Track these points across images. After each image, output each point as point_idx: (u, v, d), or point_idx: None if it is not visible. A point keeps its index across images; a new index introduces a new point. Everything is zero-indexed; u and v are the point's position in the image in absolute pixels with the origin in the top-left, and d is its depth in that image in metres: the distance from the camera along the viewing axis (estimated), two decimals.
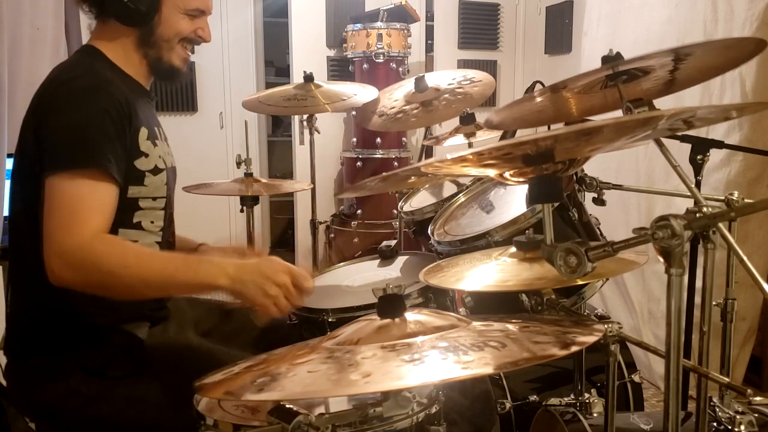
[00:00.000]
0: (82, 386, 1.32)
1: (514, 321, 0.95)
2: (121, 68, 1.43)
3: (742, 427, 1.25)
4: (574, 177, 1.60)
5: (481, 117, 2.43)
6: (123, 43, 1.43)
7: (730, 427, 1.27)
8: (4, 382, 1.79)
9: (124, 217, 1.38)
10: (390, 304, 0.94)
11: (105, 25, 1.43)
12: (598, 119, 1.53)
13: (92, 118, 1.28)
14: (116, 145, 1.31)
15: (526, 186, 1.01)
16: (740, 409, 1.28)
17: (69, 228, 1.22)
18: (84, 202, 1.24)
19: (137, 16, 1.39)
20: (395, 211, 3.20)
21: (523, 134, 1.62)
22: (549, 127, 1.66)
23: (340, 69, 4.02)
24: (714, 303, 1.38)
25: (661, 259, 0.73)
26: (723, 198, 1.34)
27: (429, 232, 1.73)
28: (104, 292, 1.25)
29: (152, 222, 1.43)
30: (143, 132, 1.38)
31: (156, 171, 1.41)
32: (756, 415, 1.26)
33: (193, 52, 1.53)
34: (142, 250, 1.33)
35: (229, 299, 1.29)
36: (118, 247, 1.28)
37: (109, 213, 1.29)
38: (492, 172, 1.00)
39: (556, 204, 1.43)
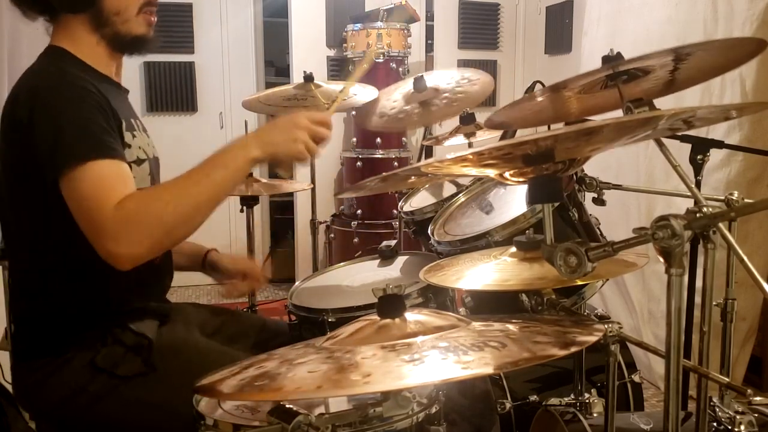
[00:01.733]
0: (90, 384, 1.32)
1: (514, 321, 0.95)
2: (90, 65, 1.40)
3: (742, 427, 1.25)
4: (574, 177, 1.60)
5: (481, 117, 2.43)
6: (81, 34, 1.39)
7: (730, 427, 1.27)
8: (5, 383, 1.80)
9: None
10: (390, 304, 0.94)
11: (60, 23, 1.39)
12: (598, 119, 1.53)
13: (85, 114, 1.27)
14: (113, 134, 1.30)
15: (526, 186, 1.01)
16: (740, 409, 1.28)
17: (100, 209, 1.21)
18: (103, 181, 1.23)
19: (79, 1, 1.35)
20: (395, 211, 3.21)
21: (523, 134, 1.63)
22: (549, 127, 1.66)
23: (340, 69, 4.02)
24: (714, 303, 1.38)
25: (661, 259, 0.73)
26: (723, 198, 1.34)
27: (429, 232, 1.73)
28: (171, 240, 1.26)
29: None
30: (123, 124, 1.37)
31: (139, 162, 1.40)
32: (756, 415, 1.26)
33: (154, 15, 1.45)
34: (167, 184, 1.30)
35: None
36: (147, 195, 1.28)
37: (131, 181, 1.28)
38: (492, 172, 1.00)
39: (556, 204, 1.43)
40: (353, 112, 3.58)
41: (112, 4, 1.37)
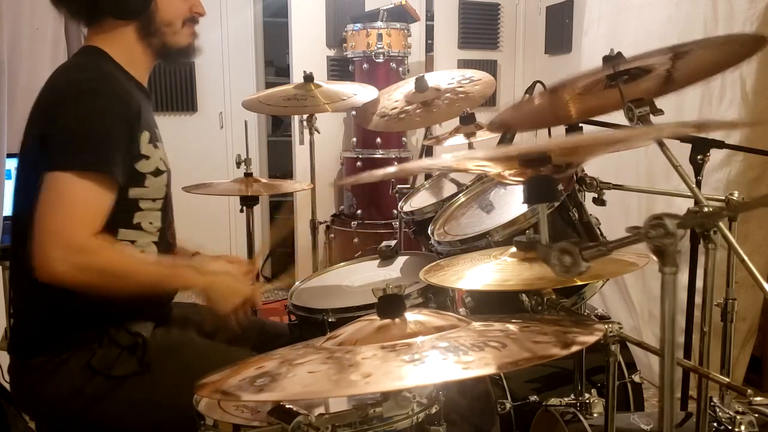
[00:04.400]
0: (87, 385, 1.32)
1: (514, 321, 0.95)
2: (125, 68, 1.42)
3: (743, 427, 1.25)
4: (574, 177, 1.60)
5: (481, 117, 2.43)
6: (124, 40, 1.41)
7: (730, 427, 1.27)
8: (4, 382, 1.80)
9: (125, 217, 1.38)
10: (390, 304, 0.94)
11: (101, 25, 1.41)
12: (598, 119, 1.53)
13: (102, 121, 1.29)
14: (122, 148, 1.32)
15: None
16: (740, 409, 1.28)
17: (75, 228, 1.24)
18: (89, 204, 1.27)
19: (134, 9, 1.38)
20: (395, 211, 3.20)
21: (522, 136, 1.62)
22: (549, 130, 1.66)
23: (340, 69, 4.02)
24: (714, 303, 1.38)
25: (655, 258, 0.73)
26: (723, 198, 1.34)
27: (429, 232, 1.73)
28: (95, 291, 1.27)
29: (151, 223, 1.43)
30: (145, 135, 1.38)
31: (157, 173, 1.41)
32: (756, 415, 1.26)
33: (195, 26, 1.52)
34: (135, 258, 1.38)
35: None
36: (117, 254, 1.33)
37: (107, 217, 1.31)
38: (491, 170, 1.01)
39: (554, 204, 1.43)
40: (353, 112, 3.58)
41: (164, 15, 1.41)
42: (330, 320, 1.52)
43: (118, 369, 1.33)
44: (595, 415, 1.41)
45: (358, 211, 3.64)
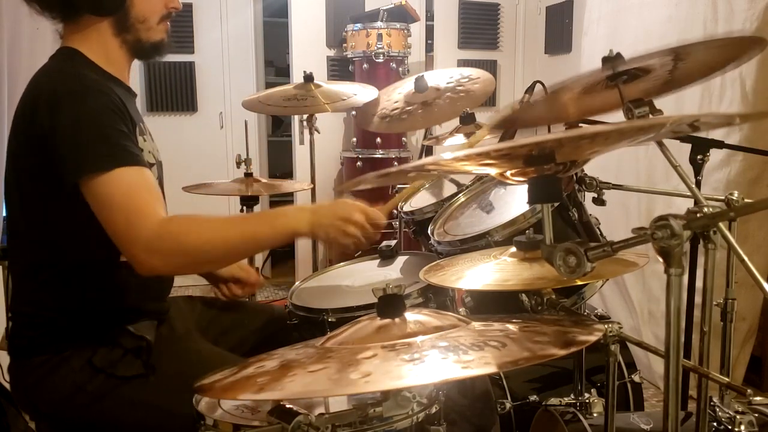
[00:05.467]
0: (88, 383, 1.32)
1: (514, 321, 0.95)
2: (102, 68, 1.40)
3: (742, 427, 1.25)
4: (574, 177, 1.60)
5: (481, 117, 2.43)
6: (99, 37, 1.39)
7: (730, 427, 1.27)
8: (5, 382, 1.80)
9: None
10: (390, 304, 0.94)
11: (77, 24, 1.38)
12: (598, 120, 1.53)
13: (107, 121, 1.27)
14: (133, 139, 1.32)
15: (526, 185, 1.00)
16: (740, 409, 1.28)
17: (141, 220, 1.23)
18: (139, 193, 1.25)
19: (111, 4, 1.36)
20: (395, 211, 3.20)
21: (522, 135, 1.62)
22: (549, 129, 1.66)
23: (340, 69, 4.02)
24: (714, 303, 1.38)
25: (660, 259, 0.73)
26: (723, 198, 1.34)
27: (429, 232, 1.73)
28: (193, 269, 1.29)
29: None
30: (136, 128, 1.38)
31: (149, 166, 1.40)
32: (756, 415, 1.26)
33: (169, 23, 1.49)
34: (216, 220, 1.32)
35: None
36: (194, 224, 1.29)
37: (161, 195, 1.30)
38: (493, 171, 1.01)
39: (555, 204, 1.43)
40: (353, 112, 3.58)
41: (138, 11, 1.39)
42: (330, 320, 1.52)
43: (121, 369, 1.33)
44: (594, 414, 1.41)
45: None
